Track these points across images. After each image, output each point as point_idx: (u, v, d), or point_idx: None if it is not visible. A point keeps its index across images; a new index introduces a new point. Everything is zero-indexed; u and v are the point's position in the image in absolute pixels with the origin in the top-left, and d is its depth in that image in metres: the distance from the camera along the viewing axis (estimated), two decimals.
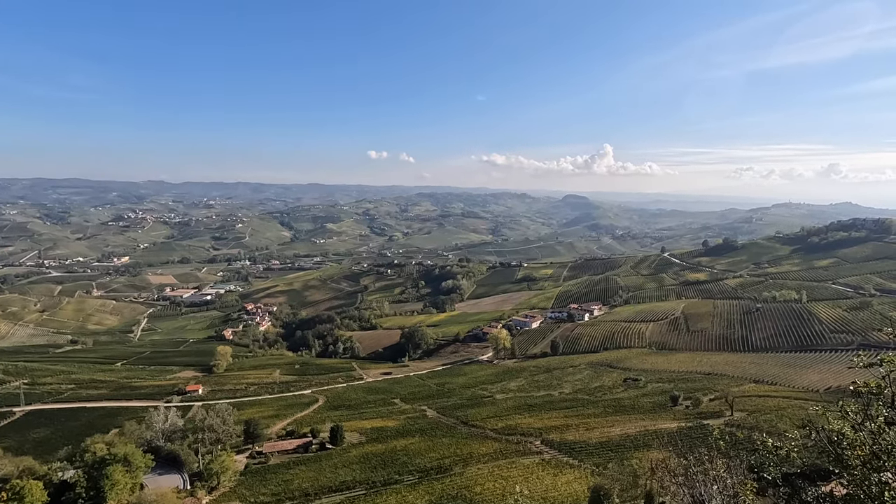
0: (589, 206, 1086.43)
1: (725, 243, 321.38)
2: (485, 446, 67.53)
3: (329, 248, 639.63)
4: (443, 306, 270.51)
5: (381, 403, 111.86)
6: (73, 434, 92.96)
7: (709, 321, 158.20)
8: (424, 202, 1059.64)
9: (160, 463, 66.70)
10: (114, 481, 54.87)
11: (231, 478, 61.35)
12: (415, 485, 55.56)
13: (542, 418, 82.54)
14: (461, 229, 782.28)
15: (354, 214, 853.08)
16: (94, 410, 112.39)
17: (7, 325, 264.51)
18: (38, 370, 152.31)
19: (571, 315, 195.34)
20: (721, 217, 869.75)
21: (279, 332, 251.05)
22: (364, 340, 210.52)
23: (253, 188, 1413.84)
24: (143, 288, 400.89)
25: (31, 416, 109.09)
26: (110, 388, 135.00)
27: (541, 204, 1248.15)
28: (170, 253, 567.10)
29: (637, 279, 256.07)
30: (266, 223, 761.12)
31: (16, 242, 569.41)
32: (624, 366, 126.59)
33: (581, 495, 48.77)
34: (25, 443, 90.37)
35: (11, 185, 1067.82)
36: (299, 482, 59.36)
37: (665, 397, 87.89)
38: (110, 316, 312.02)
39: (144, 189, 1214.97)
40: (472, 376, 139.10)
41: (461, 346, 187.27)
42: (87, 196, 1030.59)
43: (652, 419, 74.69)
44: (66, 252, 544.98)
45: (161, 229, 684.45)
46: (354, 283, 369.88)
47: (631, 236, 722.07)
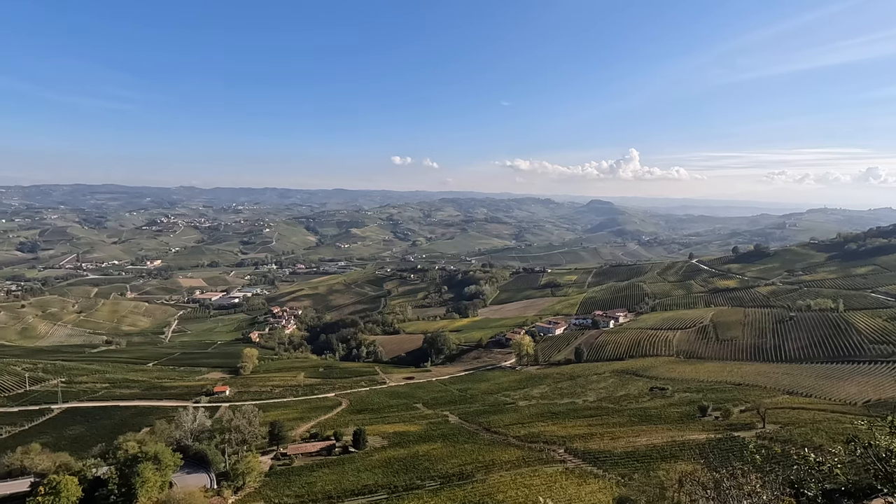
0: (614, 211, 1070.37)
1: (757, 250, 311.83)
2: (507, 453, 66.86)
3: (353, 252, 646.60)
4: (465, 311, 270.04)
5: (404, 408, 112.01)
6: (106, 432, 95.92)
7: (739, 330, 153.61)
8: (448, 207, 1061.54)
9: (188, 462, 68.20)
10: (144, 479, 56.36)
11: (256, 479, 62.23)
12: (437, 491, 55.33)
13: (565, 426, 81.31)
14: (484, 234, 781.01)
15: (378, 219, 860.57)
16: (127, 409, 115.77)
17: (47, 325, 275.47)
18: (74, 369, 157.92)
19: (596, 322, 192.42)
20: (752, 223, 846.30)
21: (304, 336, 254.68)
22: (387, 345, 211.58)
23: (280, 193, 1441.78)
24: (174, 291, 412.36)
25: (68, 414, 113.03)
26: (142, 387, 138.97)
27: (565, 209, 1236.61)
28: (200, 257, 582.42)
29: (664, 286, 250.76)
30: (292, 228, 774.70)
31: (56, 246, 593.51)
32: (650, 374, 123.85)
33: None
34: (62, 439, 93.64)
35: (53, 191, 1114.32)
36: (322, 485, 59.81)
37: (693, 407, 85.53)
38: (143, 317, 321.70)
39: (176, 194, 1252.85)
40: (494, 382, 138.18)
41: (484, 351, 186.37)
42: (122, 201, 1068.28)
43: (679, 430, 72.75)
44: (103, 255, 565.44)
45: (192, 234, 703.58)
46: (378, 288, 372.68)
47: (657, 242, 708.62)
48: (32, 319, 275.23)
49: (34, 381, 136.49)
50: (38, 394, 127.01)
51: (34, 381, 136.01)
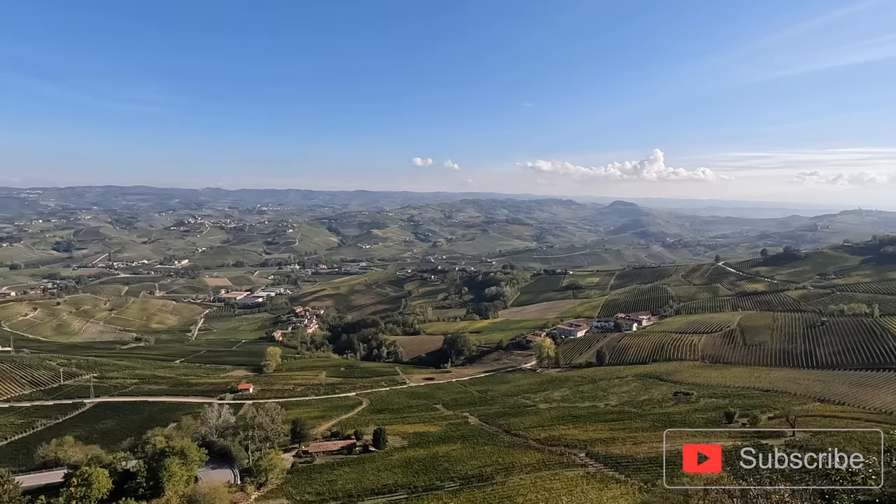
0: (638, 212, 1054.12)
1: (786, 252, 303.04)
2: (527, 456, 66.40)
3: (374, 253, 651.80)
4: (486, 313, 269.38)
5: (424, 408, 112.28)
6: (135, 426, 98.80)
7: (768, 334, 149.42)
8: (468, 208, 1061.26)
9: (213, 457, 69.69)
10: (171, 473, 57.82)
11: (279, 475, 63.18)
12: (456, 492, 55.30)
13: (586, 430, 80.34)
14: (505, 236, 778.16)
15: (399, 220, 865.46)
16: (155, 405, 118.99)
17: (80, 322, 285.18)
18: (106, 365, 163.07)
19: (618, 325, 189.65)
20: (781, 224, 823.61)
21: (326, 335, 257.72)
22: (407, 345, 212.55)
23: (303, 195, 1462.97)
24: (201, 290, 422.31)
25: (99, 408, 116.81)
26: (169, 384, 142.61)
27: (587, 211, 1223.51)
28: (225, 257, 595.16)
29: (689, 289, 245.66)
30: (315, 229, 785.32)
31: (89, 245, 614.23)
32: (674, 379, 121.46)
33: None
34: (94, 432, 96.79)
35: (86, 193, 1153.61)
36: (343, 483, 60.38)
37: (719, 413, 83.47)
38: (171, 316, 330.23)
39: (203, 196, 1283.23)
40: (514, 384, 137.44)
41: (504, 353, 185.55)
42: (151, 202, 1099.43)
43: (705, 436, 71.19)
44: (133, 255, 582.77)
45: (218, 234, 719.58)
46: (398, 289, 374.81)
47: (682, 244, 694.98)
48: (67, 316, 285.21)
49: (68, 375, 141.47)
50: (71, 388, 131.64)
51: (68, 376, 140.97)
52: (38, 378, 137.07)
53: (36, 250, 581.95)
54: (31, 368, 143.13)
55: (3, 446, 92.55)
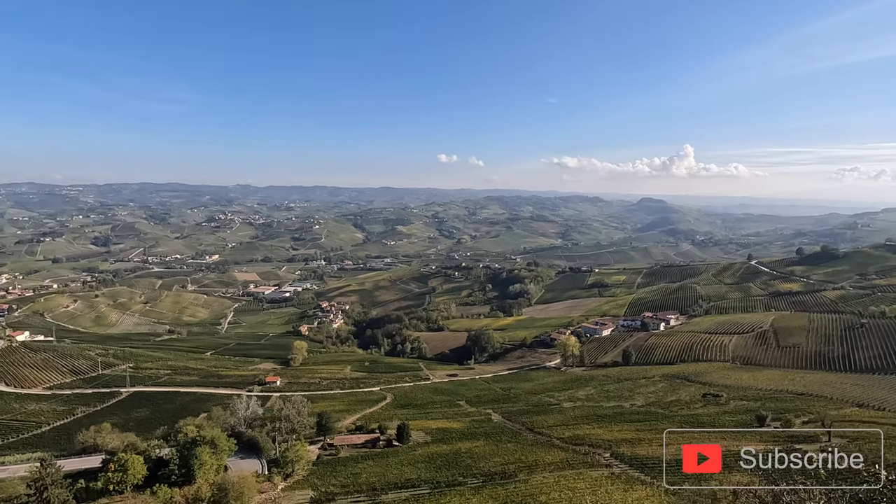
0: (666, 209, 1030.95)
1: (824, 251, 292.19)
2: (551, 455, 65.92)
3: (399, 249, 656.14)
4: (510, 310, 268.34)
5: (447, 405, 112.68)
6: (168, 415, 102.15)
7: (803, 336, 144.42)
8: (493, 205, 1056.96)
9: (241, 448, 71.46)
10: (202, 461, 59.61)
11: (304, 467, 64.39)
12: (479, 488, 55.31)
13: (611, 430, 79.26)
14: (530, 233, 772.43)
15: (424, 217, 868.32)
16: (187, 395, 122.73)
17: (117, 314, 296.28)
18: (141, 356, 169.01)
19: (645, 324, 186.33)
20: (819, 222, 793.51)
21: (351, 330, 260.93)
22: (431, 341, 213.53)
23: (329, 191, 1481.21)
24: (230, 284, 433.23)
25: (135, 397, 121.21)
26: (200, 375, 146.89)
27: (614, 208, 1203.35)
28: (254, 252, 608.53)
29: (719, 288, 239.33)
30: (340, 225, 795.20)
31: (126, 240, 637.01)
32: (703, 380, 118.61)
33: None
34: (129, 421, 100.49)
35: (123, 190, 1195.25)
36: (367, 476, 61.13)
37: (750, 416, 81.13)
38: (202, 309, 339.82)
39: (233, 192, 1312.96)
40: (538, 382, 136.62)
41: (528, 351, 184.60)
42: (184, 199, 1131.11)
43: (734, 438, 69.28)
44: (166, 250, 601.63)
45: (247, 230, 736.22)
46: (423, 285, 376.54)
47: (713, 242, 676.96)
48: (104, 308, 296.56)
49: (106, 365, 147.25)
50: (109, 377, 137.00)
51: (106, 366, 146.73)
52: (78, 367, 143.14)
53: (76, 245, 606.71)
54: (71, 358, 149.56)
55: (46, 432, 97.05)
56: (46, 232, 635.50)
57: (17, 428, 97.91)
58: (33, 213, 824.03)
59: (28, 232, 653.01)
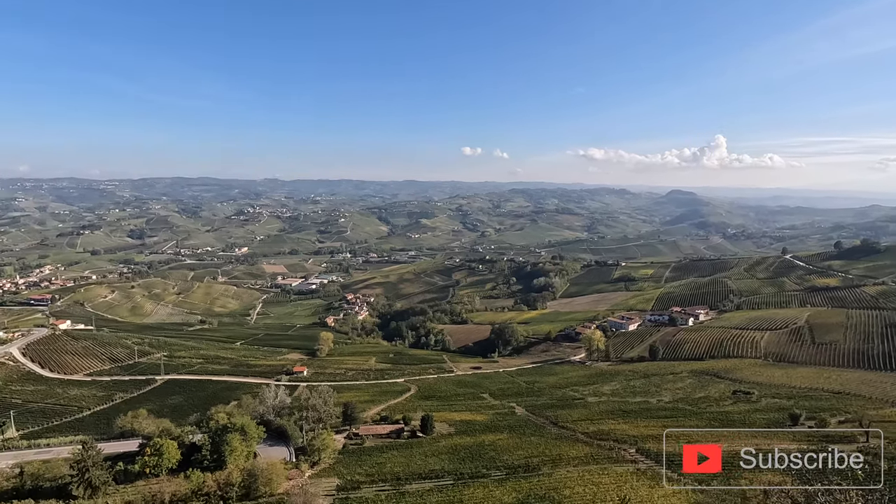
0: (696, 202, 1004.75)
1: (864, 245, 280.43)
2: (575, 449, 65.53)
3: (423, 242, 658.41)
4: (534, 304, 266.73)
5: (471, 397, 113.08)
6: (200, 403, 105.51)
7: (840, 333, 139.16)
8: (517, 198, 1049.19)
9: (270, 435, 73.39)
10: (233, 448, 61.52)
11: (331, 455, 65.72)
12: (502, 480, 55.48)
13: (637, 426, 78.24)
14: (554, 226, 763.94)
15: (448, 210, 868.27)
16: (218, 383, 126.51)
17: (152, 305, 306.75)
18: (174, 345, 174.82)
19: (673, 319, 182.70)
20: (859, 215, 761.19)
21: (375, 322, 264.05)
22: (454, 334, 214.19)
23: (354, 185, 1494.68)
24: (259, 276, 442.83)
25: (169, 385, 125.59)
26: (231, 364, 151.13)
27: (641, 200, 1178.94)
28: (281, 245, 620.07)
29: (751, 283, 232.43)
30: (365, 218, 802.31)
31: (159, 233, 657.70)
32: (733, 377, 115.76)
33: None
34: (164, 407, 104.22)
35: (156, 184, 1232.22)
36: (391, 466, 62.03)
37: (783, 415, 78.84)
38: (232, 300, 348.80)
39: (261, 186, 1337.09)
40: (562, 376, 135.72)
41: (552, 345, 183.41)
42: (214, 193, 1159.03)
43: (766, 438, 67.53)
44: (198, 242, 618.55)
45: (274, 223, 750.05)
46: (446, 278, 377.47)
47: (745, 236, 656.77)
48: (140, 299, 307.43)
49: (142, 353, 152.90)
50: (144, 365, 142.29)
51: (142, 354, 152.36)
52: (116, 355, 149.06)
53: (113, 237, 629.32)
54: (110, 346, 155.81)
55: (87, 416, 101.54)
56: (86, 225, 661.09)
57: (60, 412, 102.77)
58: (73, 207, 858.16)
59: (69, 225, 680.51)
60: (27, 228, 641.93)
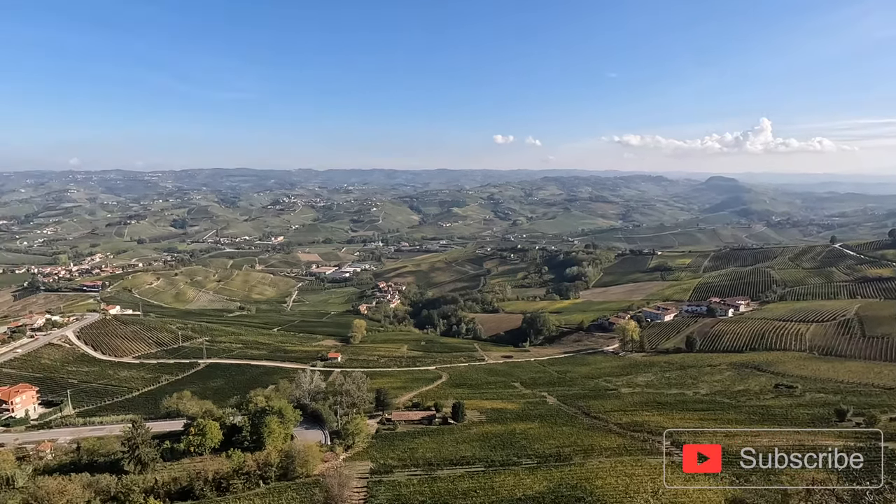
0: (738, 188, 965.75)
1: None
2: (607, 440, 64.87)
3: (454, 231, 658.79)
4: (566, 293, 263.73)
5: (502, 386, 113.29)
6: (240, 386, 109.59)
7: (893, 325, 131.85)
8: (550, 186, 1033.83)
9: (306, 419, 75.66)
10: (271, 430, 63.82)
11: (364, 439, 67.34)
12: (533, 469, 55.57)
13: (672, 418, 76.71)
14: (588, 214, 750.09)
15: (479, 199, 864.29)
16: (256, 368, 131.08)
17: (194, 291, 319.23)
18: (215, 330, 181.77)
19: (712, 309, 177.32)
20: None
21: (407, 310, 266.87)
22: (486, 323, 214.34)
23: (386, 174, 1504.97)
24: (294, 264, 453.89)
25: (211, 368, 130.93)
26: (268, 349, 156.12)
27: (679, 187, 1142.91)
28: (315, 234, 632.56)
29: (797, 273, 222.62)
30: (397, 207, 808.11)
31: (200, 223, 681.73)
32: (775, 370, 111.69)
33: None
34: (206, 389, 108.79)
35: (197, 175, 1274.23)
36: (423, 451, 63.00)
37: (828, 410, 75.64)
38: (269, 288, 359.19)
39: (296, 176, 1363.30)
40: (595, 367, 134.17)
41: (585, 334, 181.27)
42: (251, 183, 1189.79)
43: (810, 434, 65.01)
44: (236, 231, 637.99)
45: (309, 212, 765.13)
46: (478, 267, 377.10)
47: (791, 224, 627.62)
48: (183, 286, 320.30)
49: (185, 338, 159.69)
50: (188, 349, 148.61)
51: (185, 339, 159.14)
52: (161, 339, 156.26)
53: (157, 227, 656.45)
54: (156, 331, 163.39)
55: (136, 396, 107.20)
56: (132, 215, 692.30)
57: (112, 392, 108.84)
58: (120, 198, 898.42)
59: (116, 215, 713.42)
60: (79, 218, 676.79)
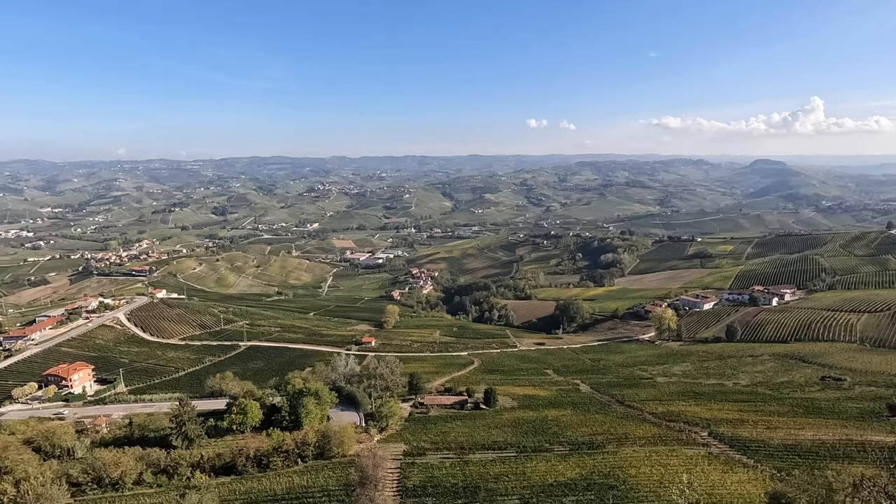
0: (785, 172, 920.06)
1: None
2: (642, 429, 63.98)
3: (487, 217, 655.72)
4: (601, 280, 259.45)
5: (534, 372, 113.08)
6: (279, 368, 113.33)
7: None
8: (585, 171, 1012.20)
9: (341, 401, 77.74)
10: (308, 410, 66.00)
11: (397, 422, 68.81)
12: (565, 456, 55.49)
13: (710, 408, 74.89)
14: (624, 200, 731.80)
15: (512, 185, 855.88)
16: (294, 351, 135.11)
17: (234, 276, 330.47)
18: (255, 314, 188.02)
19: (755, 298, 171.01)
20: None
21: (439, 296, 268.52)
22: (518, 309, 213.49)
23: (418, 161, 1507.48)
24: (329, 250, 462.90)
25: (251, 350, 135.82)
26: (305, 333, 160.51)
27: (721, 171, 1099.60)
28: (349, 220, 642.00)
29: (848, 260, 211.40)
30: (429, 193, 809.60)
31: (239, 210, 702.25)
32: (822, 361, 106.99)
33: (755, 499, 43.35)
34: (247, 371, 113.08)
35: (235, 163, 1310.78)
36: (455, 435, 63.87)
37: (879, 404, 72.13)
38: (305, 273, 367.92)
39: (330, 164, 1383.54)
40: (630, 355, 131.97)
41: (619, 322, 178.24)
42: (287, 171, 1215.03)
43: (858, 428, 62.19)
44: (273, 218, 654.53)
45: (343, 199, 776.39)
46: (510, 253, 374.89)
47: (842, 209, 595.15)
48: (224, 271, 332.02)
49: (226, 321, 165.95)
50: (229, 332, 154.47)
51: (226, 322, 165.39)
52: (204, 322, 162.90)
53: (199, 214, 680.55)
54: (199, 314, 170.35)
55: (182, 376, 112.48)
56: (176, 203, 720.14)
57: (160, 371, 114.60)
58: (164, 186, 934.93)
59: (161, 203, 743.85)
60: (127, 206, 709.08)
